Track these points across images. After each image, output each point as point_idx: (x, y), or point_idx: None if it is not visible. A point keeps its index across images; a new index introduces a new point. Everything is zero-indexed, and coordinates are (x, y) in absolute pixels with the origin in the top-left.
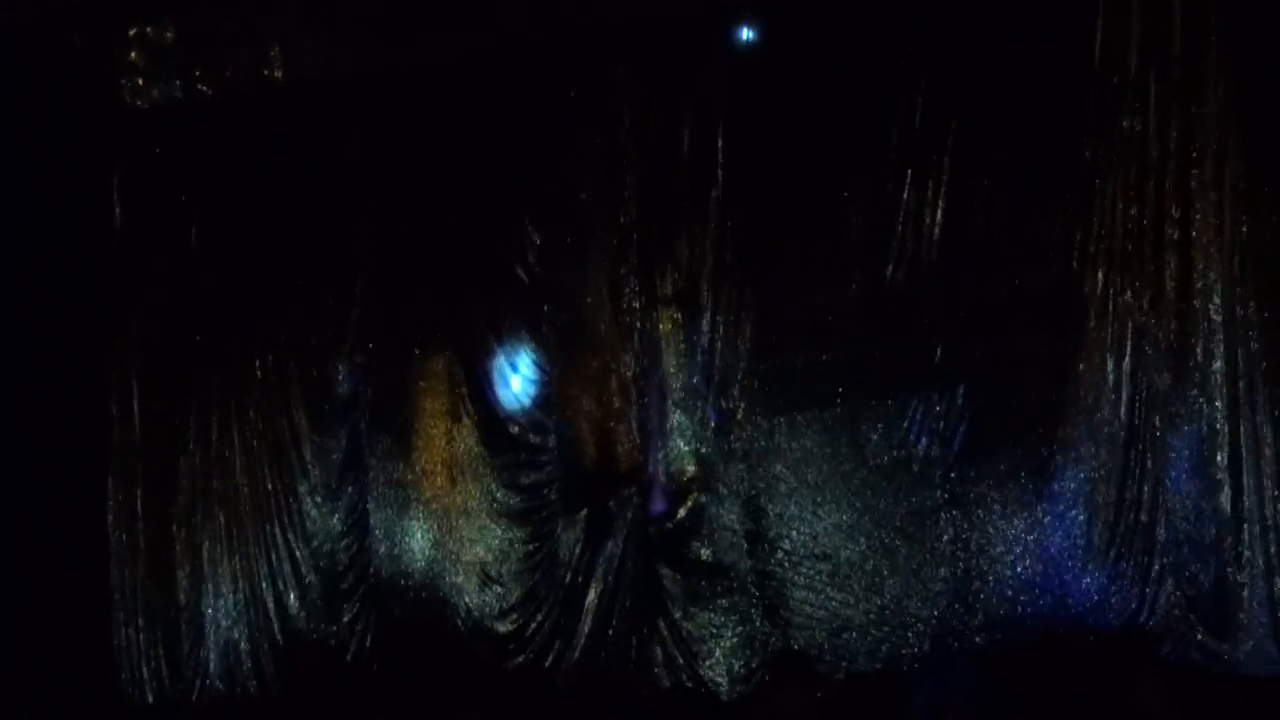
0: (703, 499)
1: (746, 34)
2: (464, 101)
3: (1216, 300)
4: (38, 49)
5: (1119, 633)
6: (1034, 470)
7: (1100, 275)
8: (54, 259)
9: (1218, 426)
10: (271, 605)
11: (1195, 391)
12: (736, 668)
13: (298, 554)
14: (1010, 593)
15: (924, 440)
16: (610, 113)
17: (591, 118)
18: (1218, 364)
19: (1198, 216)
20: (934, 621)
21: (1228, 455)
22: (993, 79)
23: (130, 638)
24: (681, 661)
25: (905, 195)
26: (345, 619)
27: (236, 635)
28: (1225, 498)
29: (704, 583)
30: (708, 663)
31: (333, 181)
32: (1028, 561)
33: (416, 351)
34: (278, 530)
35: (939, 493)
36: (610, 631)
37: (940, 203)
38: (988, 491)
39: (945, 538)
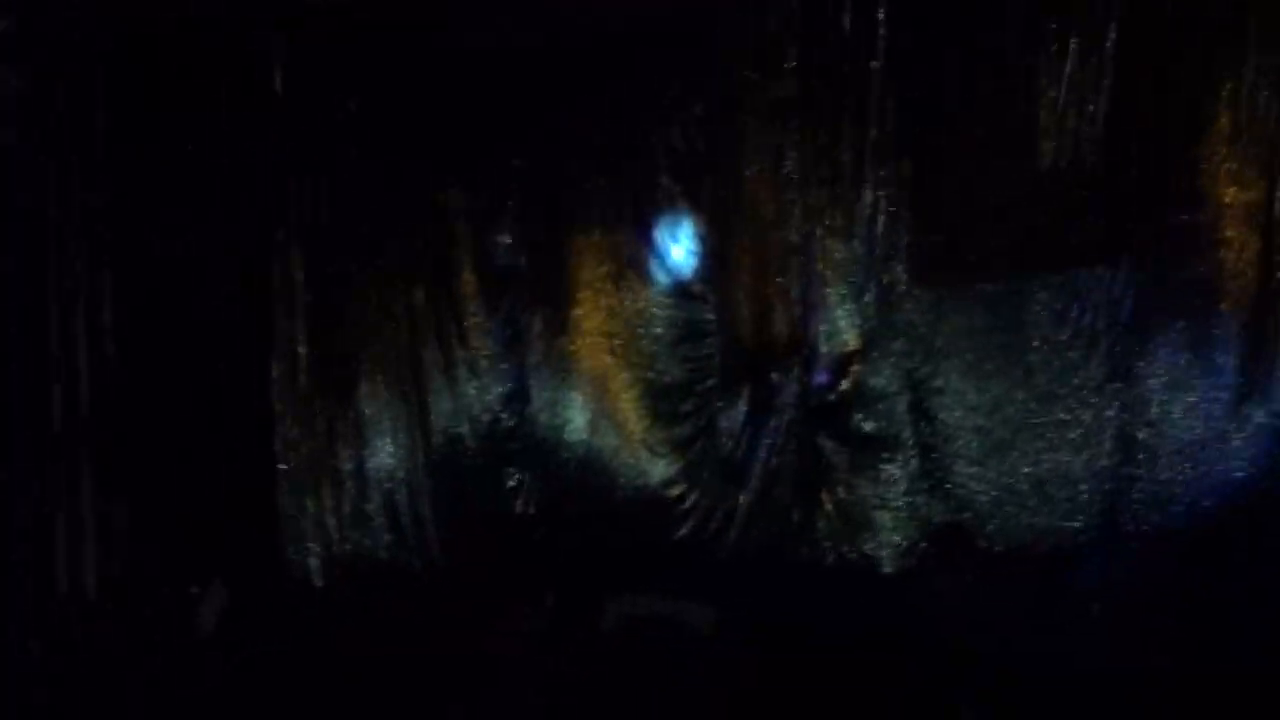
0: (864, 371)
1: None
2: None
3: None
4: None
5: None
6: (1201, 343)
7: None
8: (223, 131)
9: None
10: (434, 477)
11: None
12: (899, 540)
13: (459, 424)
14: (1178, 468)
15: (1089, 314)
16: None
17: None
18: None
19: None
20: (1099, 496)
21: None
22: None
23: (296, 507)
24: (844, 534)
25: (1070, 69)
26: (507, 489)
27: (400, 506)
28: None
29: (866, 455)
30: (870, 535)
31: (492, 62)
32: (1196, 437)
33: (575, 223)
34: (438, 400)
35: (1105, 367)
36: (772, 504)
37: (1106, 80)
38: (1154, 366)
39: (1110, 412)
